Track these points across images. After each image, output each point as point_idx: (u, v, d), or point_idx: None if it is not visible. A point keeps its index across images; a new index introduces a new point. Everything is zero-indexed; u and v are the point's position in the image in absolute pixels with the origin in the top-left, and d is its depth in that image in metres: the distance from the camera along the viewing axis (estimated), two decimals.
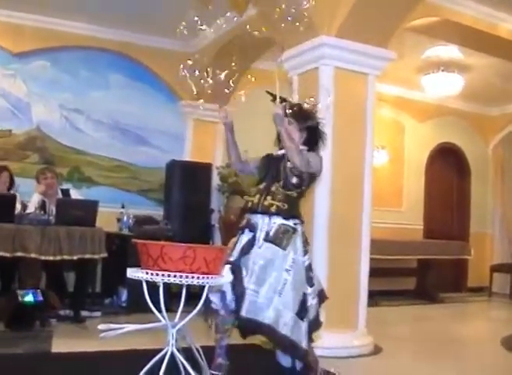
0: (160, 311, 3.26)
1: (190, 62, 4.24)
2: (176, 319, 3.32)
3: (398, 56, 5.99)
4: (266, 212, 3.98)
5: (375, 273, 5.91)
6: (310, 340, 3.98)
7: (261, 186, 4.06)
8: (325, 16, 5.41)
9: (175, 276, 3.03)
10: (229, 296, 3.84)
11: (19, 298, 5.27)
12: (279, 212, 3.97)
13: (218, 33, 7.78)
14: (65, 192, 6.98)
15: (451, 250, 10.11)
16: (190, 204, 8.06)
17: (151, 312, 3.30)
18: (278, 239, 3.93)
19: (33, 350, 4.66)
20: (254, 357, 4.78)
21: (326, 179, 5.35)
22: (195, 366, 3.52)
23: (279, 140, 4.21)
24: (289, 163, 4.01)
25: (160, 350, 3.29)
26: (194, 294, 3.50)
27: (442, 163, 11.55)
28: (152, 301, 3.24)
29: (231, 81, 4.47)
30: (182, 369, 3.31)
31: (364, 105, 5.70)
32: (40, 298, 5.38)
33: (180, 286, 3.25)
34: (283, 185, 4.00)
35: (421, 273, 10.20)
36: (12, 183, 6.81)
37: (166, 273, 3.04)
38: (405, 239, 9.99)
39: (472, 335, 7.17)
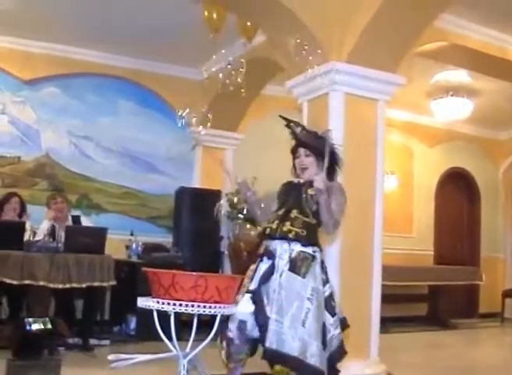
0: (170, 340, 3.21)
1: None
2: (188, 349, 3.26)
3: (407, 81, 5.97)
4: (285, 237, 3.92)
5: (386, 299, 5.84)
6: (334, 370, 3.93)
7: (280, 212, 3.99)
8: (334, 42, 5.41)
9: (186, 305, 2.98)
10: (250, 325, 3.78)
11: (27, 326, 5.21)
12: (297, 239, 3.90)
13: (227, 60, 7.81)
14: (76, 219, 6.96)
15: (462, 275, 10.04)
16: (199, 231, 8.01)
17: (161, 340, 3.25)
18: (296, 267, 3.85)
19: None
20: None
21: None
22: None
23: (294, 168, 4.19)
24: (311, 190, 3.98)
25: None
26: (205, 322, 3.45)
27: (452, 188, 11.50)
28: (162, 330, 3.19)
29: None
30: None
31: (374, 130, 5.67)
32: (49, 326, 5.33)
33: (191, 314, 3.21)
34: (302, 212, 3.96)
35: (433, 299, 10.12)
36: (23, 209, 6.80)
37: (178, 303, 2.99)
38: (416, 265, 9.92)
39: (486, 362, 7.06)
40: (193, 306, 2.99)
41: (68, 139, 8.14)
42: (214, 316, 3.24)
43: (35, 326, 5.20)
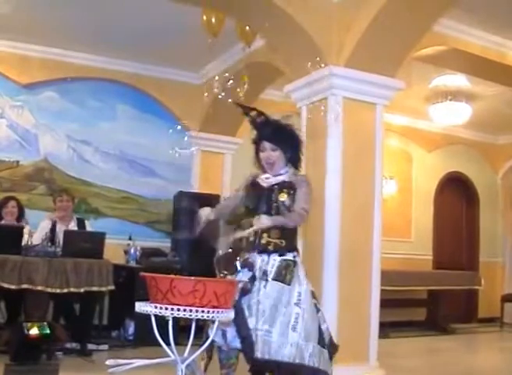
0: (168, 345, 3.19)
1: None
2: (186, 354, 3.25)
3: (406, 86, 5.97)
4: (264, 250, 3.93)
5: (384, 304, 5.83)
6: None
7: (254, 221, 3.93)
8: (333, 46, 5.42)
9: (184, 310, 2.96)
10: (230, 335, 3.78)
11: (25, 331, 5.19)
12: (276, 250, 3.94)
13: (225, 64, 7.82)
14: (81, 222, 6.99)
15: (461, 280, 10.03)
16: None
17: (159, 345, 3.24)
18: (281, 276, 3.87)
19: None
20: None
21: (335, 209, 5.33)
22: None
23: (258, 160, 4.17)
24: (280, 197, 3.97)
25: None
26: (201, 327, 3.45)
27: (451, 193, 11.50)
28: (160, 335, 3.17)
29: None
30: None
31: (373, 134, 5.67)
32: (47, 331, 5.31)
33: (188, 319, 3.20)
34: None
35: (431, 304, 10.11)
36: (20, 213, 6.78)
37: (176, 307, 2.97)
38: (415, 270, 9.92)
39: (485, 367, 7.05)
40: (191, 311, 2.97)
41: (66, 143, 8.13)
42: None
43: (33, 331, 5.19)
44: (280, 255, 3.93)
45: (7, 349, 5.27)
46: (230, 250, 3.93)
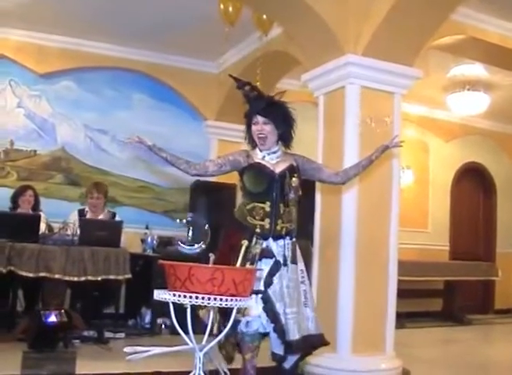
0: (186, 333, 3.20)
1: None
2: (203, 342, 3.25)
3: (423, 75, 5.92)
4: (279, 236, 3.96)
5: (401, 294, 5.81)
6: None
7: (268, 208, 3.95)
8: (350, 35, 5.37)
9: (203, 298, 2.96)
10: (256, 323, 3.83)
11: (43, 319, 5.22)
12: (288, 233, 4.01)
13: (242, 53, 7.81)
14: (112, 215, 7.05)
15: (478, 271, 9.96)
16: (214, 224, 7.97)
17: (176, 333, 3.24)
18: (295, 257, 4.00)
19: (56, 371, 4.60)
20: None
21: (352, 199, 5.31)
22: None
23: (249, 135, 4.18)
24: (292, 182, 3.97)
25: (186, 373, 3.22)
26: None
27: (468, 183, 11.44)
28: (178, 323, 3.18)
29: None
30: None
31: (391, 124, 5.63)
32: (64, 319, 5.33)
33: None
34: (286, 203, 3.99)
35: (448, 295, 10.06)
36: (36, 202, 6.82)
37: (194, 295, 2.97)
38: (431, 260, 9.87)
39: (501, 358, 7.00)
40: (209, 299, 2.97)
41: (83, 132, 8.15)
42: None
43: (50, 319, 5.21)
44: (291, 238, 4.02)
45: (25, 337, 5.29)
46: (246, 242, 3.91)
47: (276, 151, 4.10)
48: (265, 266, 3.87)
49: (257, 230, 3.93)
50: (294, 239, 4.05)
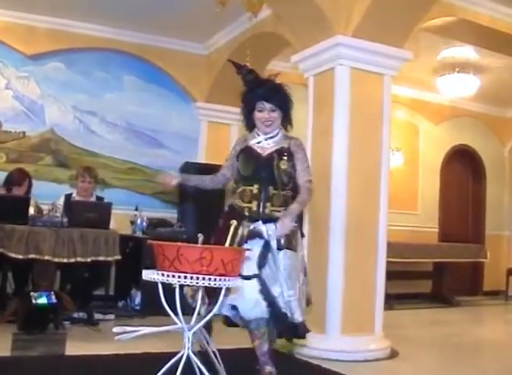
0: (176, 314, 3.21)
1: None
2: (192, 322, 3.26)
3: (413, 57, 5.91)
4: (269, 219, 3.93)
5: (390, 276, 5.85)
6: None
7: (255, 190, 3.95)
8: (341, 16, 5.36)
9: (191, 277, 2.97)
10: (244, 307, 3.82)
11: (33, 301, 5.23)
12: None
13: (232, 35, 7.78)
14: (100, 199, 7.06)
15: (467, 253, 10.03)
16: (204, 206, 7.98)
17: (165, 314, 3.25)
18: (291, 244, 3.93)
19: (46, 353, 4.61)
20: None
21: (342, 181, 5.31)
22: (212, 369, 3.47)
23: (248, 120, 4.15)
24: (281, 165, 3.96)
25: (175, 353, 3.23)
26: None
27: (458, 166, 11.48)
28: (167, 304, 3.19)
29: None
30: (198, 372, 3.25)
31: (380, 105, 5.62)
32: (54, 301, 5.34)
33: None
34: (277, 187, 3.96)
35: (437, 277, 10.13)
36: (29, 188, 6.81)
37: (183, 275, 2.98)
38: (420, 242, 9.92)
39: (489, 339, 7.07)
40: (198, 279, 2.97)
41: (72, 114, 8.10)
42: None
43: (40, 301, 5.22)
44: None
45: (15, 318, 5.32)
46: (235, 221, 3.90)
47: (275, 136, 4.08)
48: (256, 247, 3.84)
49: (246, 213, 3.93)
50: (295, 224, 3.95)
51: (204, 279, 2.98)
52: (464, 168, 11.63)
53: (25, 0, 7.23)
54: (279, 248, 3.87)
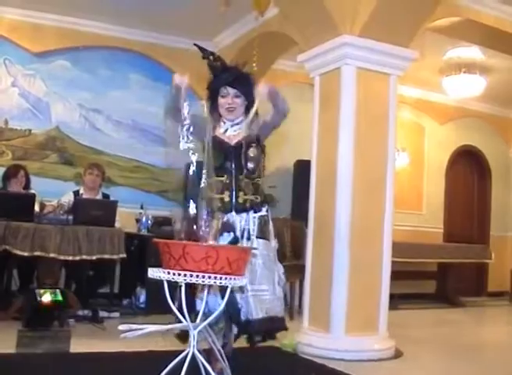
0: (181, 312, 3.21)
1: None
2: (198, 320, 3.27)
3: (419, 57, 5.91)
4: (243, 209, 3.93)
5: (394, 276, 5.82)
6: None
7: (226, 180, 3.93)
8: (347, 16, 5.34)
9: (197, 276, 2.97)
10: (211, 301, 3.69)
11: (38, 298, 5.24)
12: (253, 206, 3.95)
13: (238, 34, 7.78)
14: (106, 196, 7.10)
15: (471, 253, 10.01)
16: None
17: (170, 313, 3.25)
18: (264, 233, 3.94)
19: (51, 350, 4.62)
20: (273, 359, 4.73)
21: (347, 180, 5.31)
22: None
23: (212, 106, 4.15)
24: (250, 151, 3.95)
25: (180, 351, 3.23)
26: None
27: (463, 166, 11.47)
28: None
29: None
30: (203, 370, 3.26)
31: (386, 105, 5.61)
32: (59, 298, 5.35)
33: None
34: (246, 175, 3.95)
35: (441, 277, 10.11)
36: (28, 182, 6.83)
37: (188, 273, 2.98)
38: (425, 242, 9.91)
39: (494, 340, 7.07)
40: (203, 277, 2.97)
41: (78, 112, 8.12)
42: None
43: (45, 298, 5.23)
44: (256, 212, 3.97)
45: (20, 316, 5.32)
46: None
47: (240, 122, 4.08)
48: (226, 241, 3.77)
49: (218, 204, 3.89)
50: (266, 213, 4.00)
51: (209, 277, 2.98)
52: (469, 168, 11.62)
53: None
54: (248, 238, 3.88)
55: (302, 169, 7.38)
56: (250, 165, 3.96)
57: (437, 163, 10.96)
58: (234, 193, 3.92)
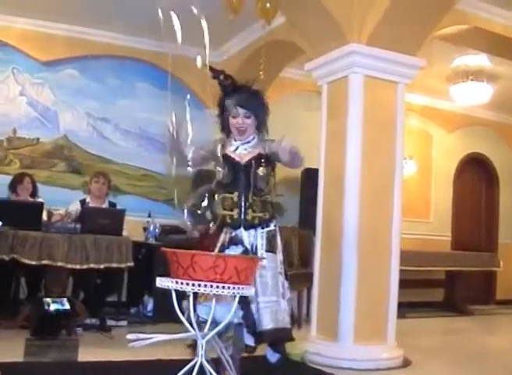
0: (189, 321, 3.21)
1: None
2: (206, 330, 3.26)
3: (426, 65, 5.91)
4: (251, 226, 3.98)
5: (402, 284, 5.80)
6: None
7: (235, 198, 4.01)
8: (354, 24, 5.35)
9: (205, 285, 2.97)
10: (220, 311, 3.72)
11: (46, 306, 5.24)
12: (261, 223, 4.02)
13: (245, 42, 7.79)
14: (112, 205, 7.10)
15: (479, 261, 9.97)
16: None
17: (178, 321, 3.25)
18: (272, 246, 4.02)
19: (59, 359, 4.61)
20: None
21: (355, 189, 5.30)
22: None
23: (223, 126, 4.24)
24: (260, 171, 3.98)
25: (189, 361, 3.23)
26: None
27: (471, 174, 11.44)
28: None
29: None
30: None
31: (394, 114, 5.61)
32: (67, 307, 5.35)
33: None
34: (256, 193, 4.01)
35: (450, 285, 10.07)
36: (35, 189, 6.85)
37: (197, 283, 2.98)
38: (433, 250, 9.89)
39: (503, 348, 7.01)
40: (211, 286, 2.98)
41: (86, 121, 8.14)
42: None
43: (53, 307, 5.23)
44: (264, 228, 4.04)
45: (27, 324, 5.32)
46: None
47: (251, 141, 4.13)
48: (234, 253, 3.87)
49: (227, 221, 3.96)
50: (274, 227, 4.07)
51: (217, 287, 2.98)
52: (477, 176, 11.59)
53: (42, 8, 7.27)
54: (256, 253, 3.93)
55: (310, 177, 7.36)
56: (259, 183, 4.02)
57: (445, 171, 10.93)
58: (243, 210, 3.97)
